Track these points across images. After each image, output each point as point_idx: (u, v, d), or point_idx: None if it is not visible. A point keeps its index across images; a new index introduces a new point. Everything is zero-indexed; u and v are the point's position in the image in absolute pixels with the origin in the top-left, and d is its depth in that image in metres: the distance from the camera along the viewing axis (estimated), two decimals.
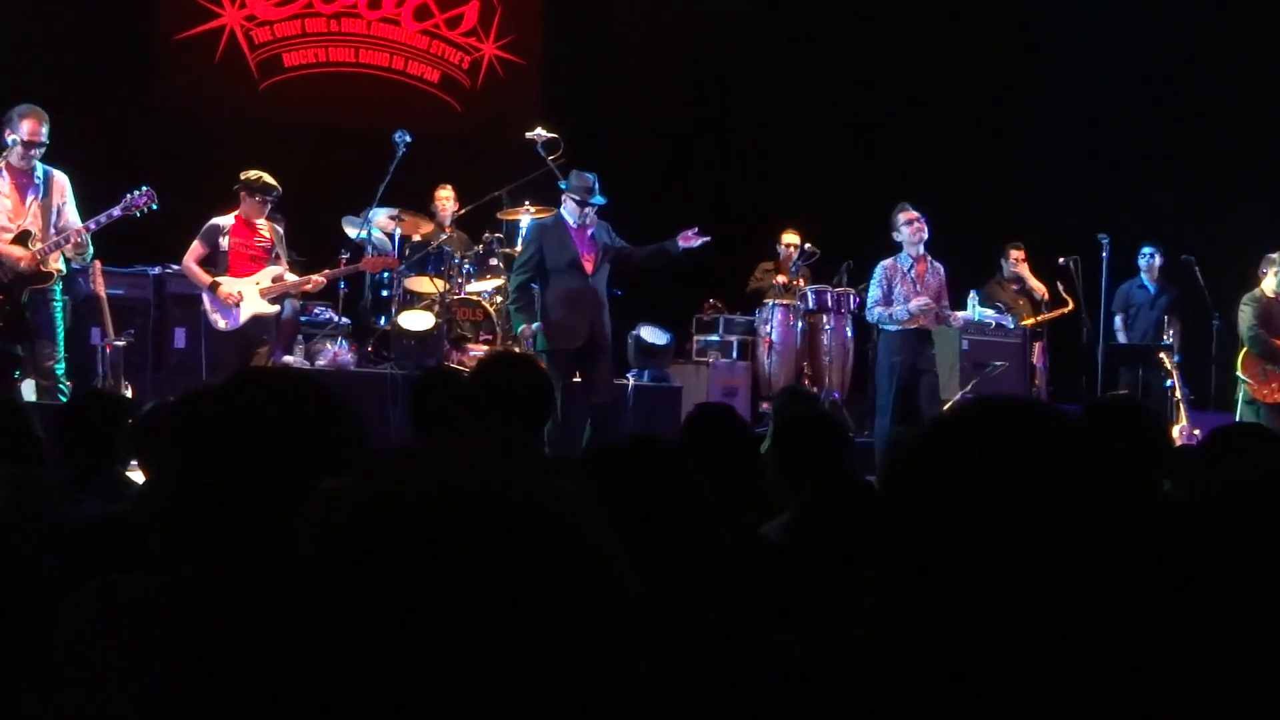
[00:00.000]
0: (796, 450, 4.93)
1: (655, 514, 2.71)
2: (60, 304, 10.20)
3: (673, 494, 2.77)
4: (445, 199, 13.69)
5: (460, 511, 1.12)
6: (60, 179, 10.23)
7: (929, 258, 11.77)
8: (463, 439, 4.71)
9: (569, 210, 11.20)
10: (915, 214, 11.70)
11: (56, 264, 10.10)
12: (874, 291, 11.71)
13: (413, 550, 1.10)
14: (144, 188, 10.36)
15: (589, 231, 11.15)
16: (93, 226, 10.18)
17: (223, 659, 2.05)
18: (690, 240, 11.37)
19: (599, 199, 11.14)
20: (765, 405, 13.05)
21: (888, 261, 11.74)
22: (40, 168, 10.11)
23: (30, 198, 10.07)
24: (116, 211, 10.29)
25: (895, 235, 11.76)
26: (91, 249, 10.33)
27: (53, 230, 10.06)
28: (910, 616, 1.52)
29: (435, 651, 1.07)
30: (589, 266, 11.06)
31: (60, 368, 10.06)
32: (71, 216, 10.20)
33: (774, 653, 2.64)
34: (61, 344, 10.13)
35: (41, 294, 10.05)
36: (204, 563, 2.28)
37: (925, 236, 11.66)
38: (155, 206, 10.38)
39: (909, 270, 11.63)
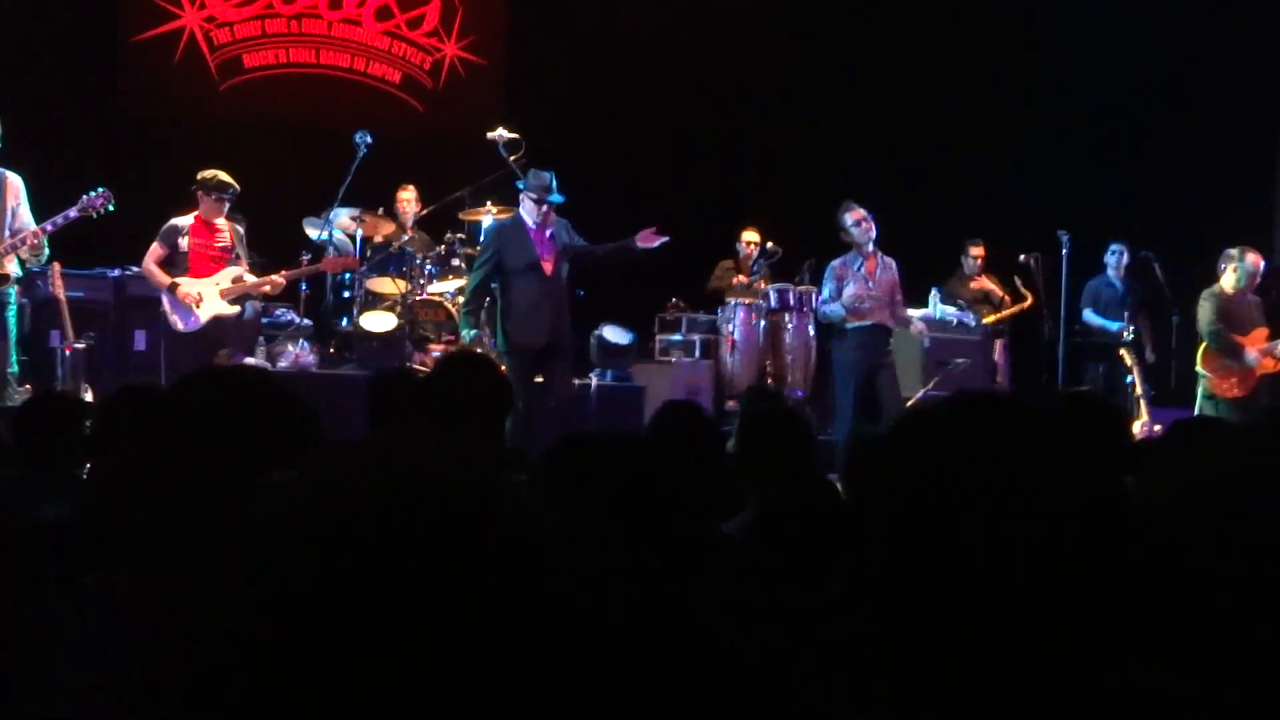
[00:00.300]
0: (759, 448, 4.94)
1: (629, 510, 2.70)
2: (14, 308, 10.14)
3: (645, 490, 2.76)
4: (407, 200, 13.66)
5: (396, 502, 1.13)
6: (14, 180, 10.16)
7: (879, 254, 11.81)
8: (411, 431, 4.70)
9: (527, 210, 11.13)
10: (863, 211, 11.74)
11: (11, 267, 10.04)
12: (824, 290, 11.78)
13: (350, 540, 1.11)
14: (100, 189, 10.31)
15: (548, 231, 11.07)
16: (49, 228, 10.12)
17: (186, 654, 2.04)
18: (650, 240, 11.33)
19: (557, 197, 11.07)
20: (731, 404, 13.07)
21: (837, 261, 11.80)
22: None
23: None
24: (73, 213, 10.22)
25: (844, 235, 11.79)
26: (48, 250, 10.27)
27: (6, 233, 10.00)
28: (884, 606, 1.52)
29: (375, 633, 1.08)
30: (548, 267, 10.99)
31: (13, 370, 10.00)
32: (26, 218, 10.13)
33: (745, 655, 2.63)
34: (14, 348, 10.07)
35: None
36: (163, 560, 2.27)
37: (874, 234, 11.71)
38: (112, 208, 10.33)
39: (858, 268, 11.67)
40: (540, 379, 10.98)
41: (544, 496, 1.27)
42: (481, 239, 12.12)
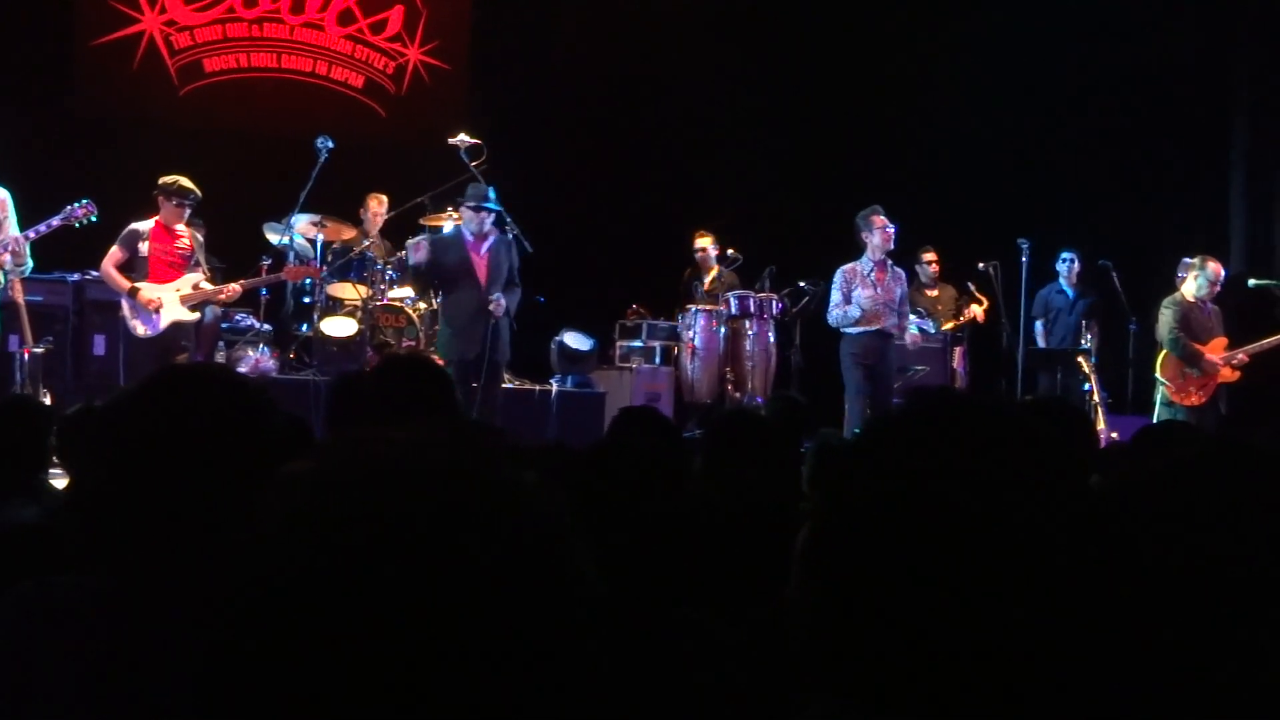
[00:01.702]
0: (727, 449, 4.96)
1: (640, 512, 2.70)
2: None
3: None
4: (377, 210, 13.58)
5: (419, 493, 1.12)
6: (2, 194, 10.23)
7: (890, 264, 11.97)
8: (422, 424, 4.67)
9: (466, 219, 11.54)
10: (886, 219, 11.88)
11: None
12: (834, 295, 11.85)
13: (374, 531, 1.10)
14: (85, 200, 10.48)
15: (486, 244, 11.42)
16: (31, 235, 10.24)
17: (166, 656, 2.03)
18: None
19: (492, 205, 11.45)
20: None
21: (848, 266, 11.90)
22: None
23: None
24: (55, 221, 10.37)
25: (864, 235, 11.90)
26: (30, 261, 10.36)
27: None
28: (845, 608, 1.52)
29: (396, 627, 1.07)
30: (483, 279, 11.32)
31: None
32: (12, 231, 10.22)
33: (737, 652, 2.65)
34: None
35: None
36: (140, 562, 2.26)
37: (892, 246, 11.86)
38: (95, 219, 10.45)
39: (869, 274, 11.79)
40: (475, 385, 11.13)
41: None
42: None
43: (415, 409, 4.61)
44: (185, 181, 11.04)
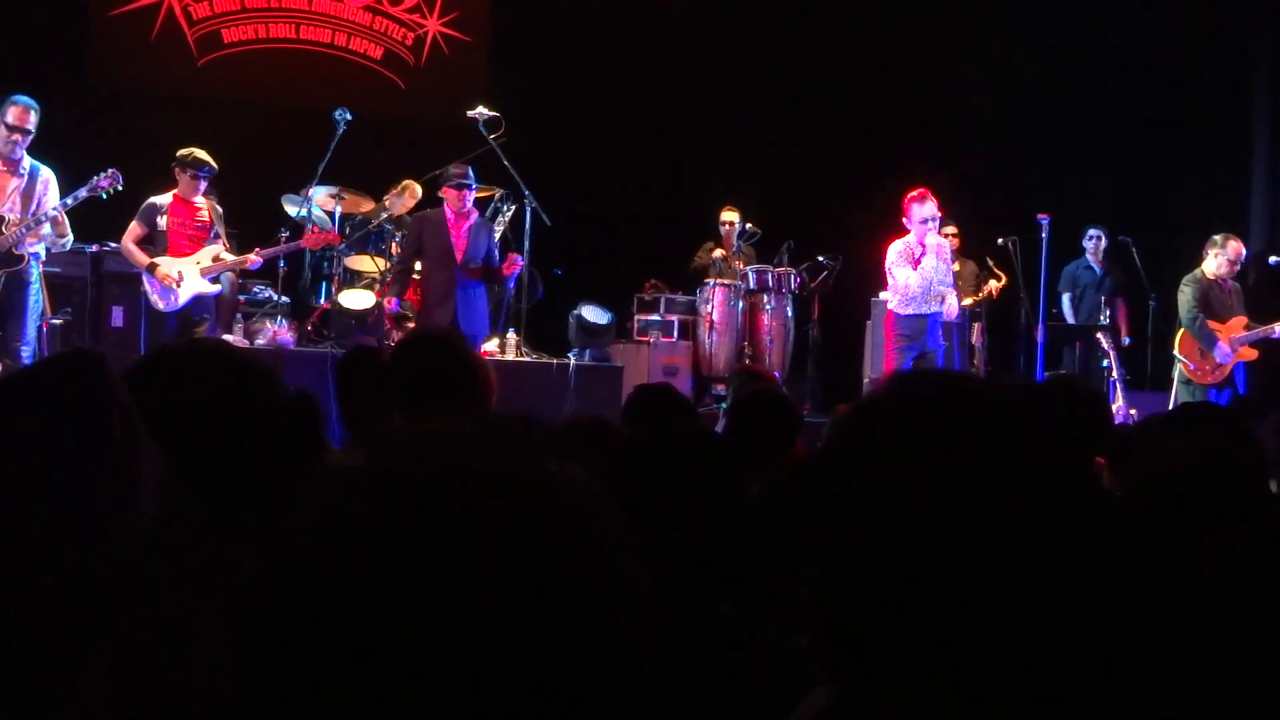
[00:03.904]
0: (750, 428, 4.94)
1: (686, 508, 2.68)
2: (35, 288, 10.31)
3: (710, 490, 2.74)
4: (409, 202, 13.40)
5: (470, 489, 1.11)
6: (47, 173, 10.46)
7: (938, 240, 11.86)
8: (448, 417, 4.60)
9: (451, 197, 11.70)
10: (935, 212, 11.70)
11: (33, 248, 10.25)
12: (896, 277, 11.59)
13: (424, 528, 1.08)
14: (110, 170, 10.56)
15: (467, 224, 11.66)
16: (60, 208, 10.30)
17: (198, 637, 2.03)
18: (511, 269, 11.87)
19: (473, 183, 11.76)
20: (720, 387, 13.10)
21: (900, 245, 11.68)
22: (29, 161, 10.34)
23: (13, 184, 10.28)
24: (83, 193, 10.54)
25: (907, 221, 11.74)
26: (71, 235, 10.52)
27: (29, 217, 10.19)
28: (844, 596, 1.51)
29: (441, 627, 1.06)
30: (459, 257, 11.59)
31: (26, 350, 10.12)
32: (51, 204, 10.39)
33: (778, 651, 2.63)
34: (29, 328, 10.24)
35: (16, 276, 10.23)
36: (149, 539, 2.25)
37: (938, 224, 11.69)
38: (120, 188, 10.56)
39: (919, 254, 11.66)
40: None
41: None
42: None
43: (446, 394, 4.53)
44: (200, 153, 11.05)
